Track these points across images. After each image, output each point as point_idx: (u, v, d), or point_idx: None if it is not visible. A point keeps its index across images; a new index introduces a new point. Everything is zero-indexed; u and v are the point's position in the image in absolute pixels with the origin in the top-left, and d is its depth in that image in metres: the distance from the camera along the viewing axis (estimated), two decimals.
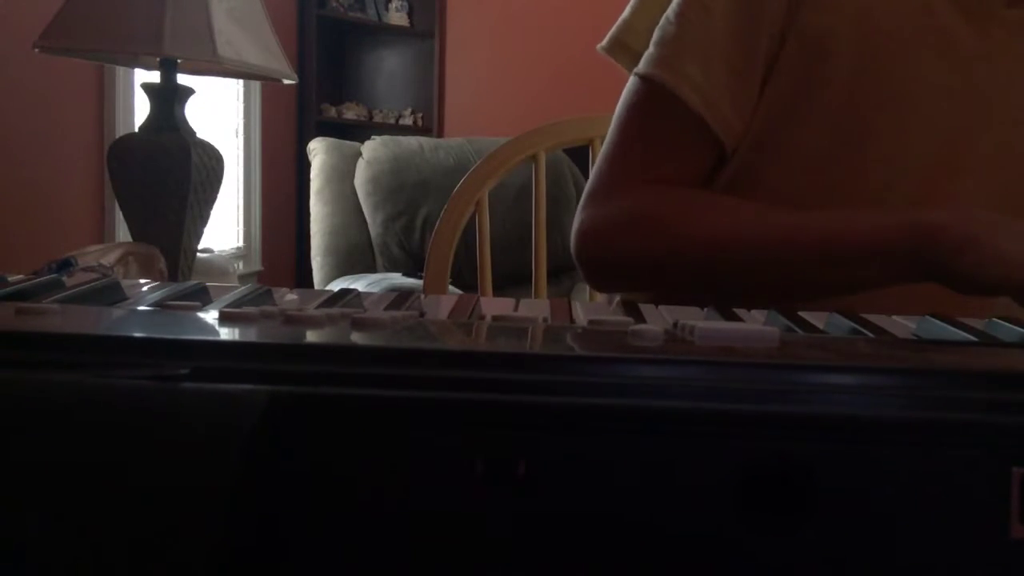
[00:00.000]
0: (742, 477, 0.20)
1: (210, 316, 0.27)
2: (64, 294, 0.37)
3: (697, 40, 0.67)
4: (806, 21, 0.67)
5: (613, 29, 0.80)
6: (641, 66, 0.69)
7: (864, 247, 0.60)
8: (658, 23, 0.71)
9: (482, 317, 0.40)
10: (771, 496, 0.20)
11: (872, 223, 0.60)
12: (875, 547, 0.20)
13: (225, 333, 0.24)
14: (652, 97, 0.69)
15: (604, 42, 0.81)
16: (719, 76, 0.67)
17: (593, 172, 0.72)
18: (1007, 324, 0.39)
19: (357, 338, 0.25)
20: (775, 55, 0.68)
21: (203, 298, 0.40)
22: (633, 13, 0.79)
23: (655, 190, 0.69)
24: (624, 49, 0.79)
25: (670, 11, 0.70)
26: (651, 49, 0.69)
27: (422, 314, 0.41)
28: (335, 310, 0.29)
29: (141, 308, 0.32)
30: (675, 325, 0.31)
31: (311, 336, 0.25)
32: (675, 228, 0.66)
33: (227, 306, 0.36)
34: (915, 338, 0.38)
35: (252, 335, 0.24)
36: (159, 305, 0.34)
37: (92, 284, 0.40)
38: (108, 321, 0.27)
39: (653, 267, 0.67)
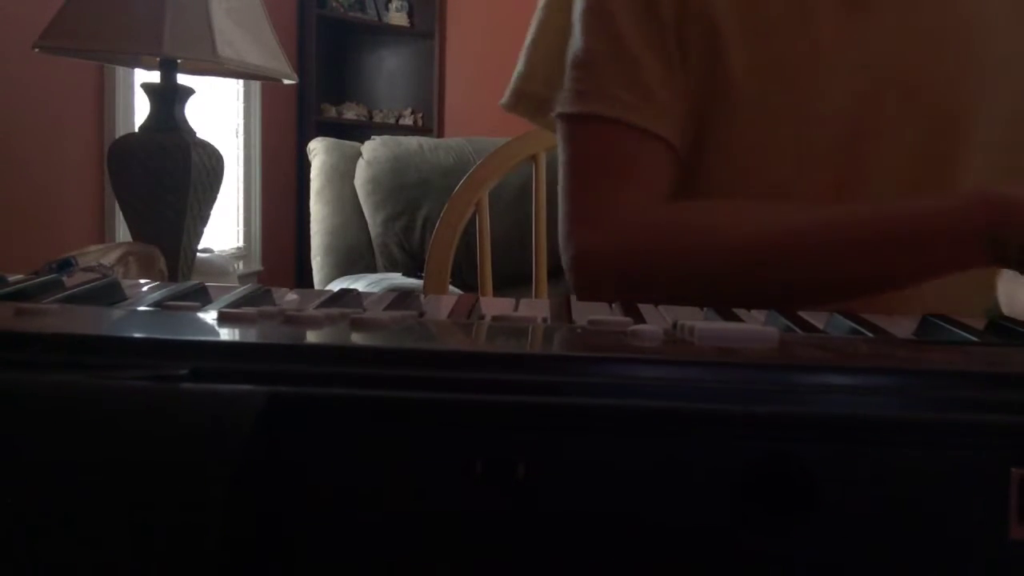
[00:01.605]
0: (741, 477, 0.20)
1: (209, 316, 0.27)
2: (64, 294, 0.37)
3: (614, 63, 0.68)
4: (692, 7, 0.68)
5: (512, 84, 0.80)
6: (572, 107, 0.69)
7: (931, 228, 0.58)
8: (555, 66, 0.72)
9: (482, 317, 0.40)
10: (770, 496, 0.20)
11: (934, 205, 0.59)
12: (874, 547, 0.20)
13: (224, 333, 0.24)
14: (596, 131, 0.69)
15: (505, 98, 0.80)
16: (648, 87, 0.68)
17: (564, 205, 0.70)
18: (1007, 324, 0.39)
19: (356, 338, 0.25)
20: (686, 44, 0.69)
21: (203, 298, 0.40)
22: (528, 63, 0.80)
23: (651, 205, 0.68)
24: (528, 98, 0.79)
25: (577, 48, 0.70)
26: (571, 87, 0.70)
27: (422, 314, 0.41)
28: (334, 310, 0.29)
29: (140, 308, 0.32)
30: (674, 325, 0.31)
31: (310, 337, 0.25)
32: (708, 237, 0.65)
33: (227, 306, 0.36)
34: (915, 338, 0.38)
35: (251, 336, 0.24)
36: (159, 305, 0.34)
37: (92, 284, 0.40)
38: (107, 321, 0.27)
39: (683, 280, 0.64)
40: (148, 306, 0.35)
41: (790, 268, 0.62)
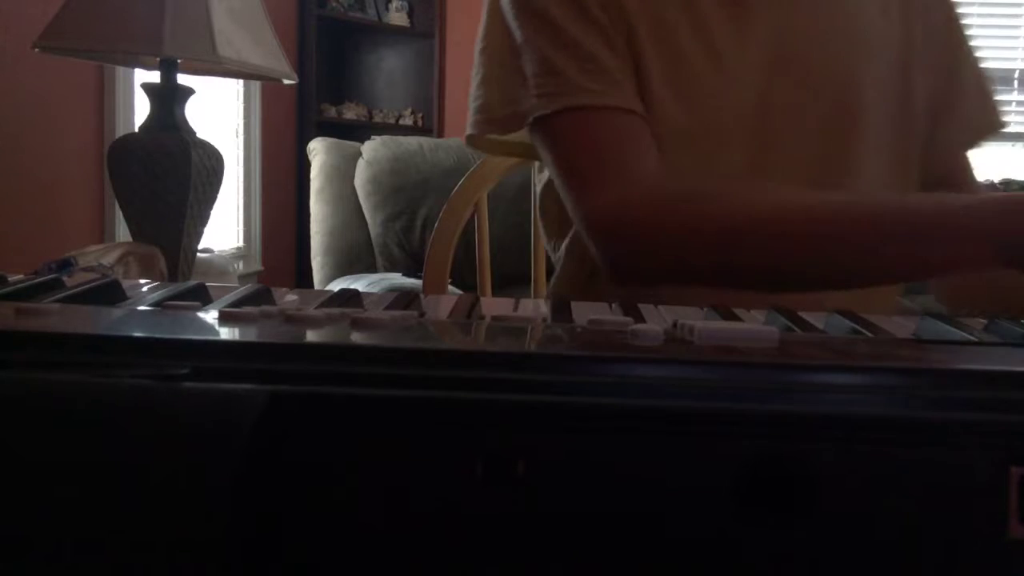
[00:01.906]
0: (741, 476, 0.20)
1: (210, 316, 0.27)
2: (64, 294, 0.37)
3: (571, 60, 0.70)
4: (612, 6, 0.72)
5: (472, 118, 0.80)
6: (546, 108, 0.71)
7: (955, 225, 0.59)
8: (508, 88, 0.74)
9: (482, 317, 0.40)
10: (769, 495, 0.20)
11: (963, 202, 0.60)
12: (874, 546, 0.20)
13: (225, 333, 0.24)
14: (576, 122, 0.70)
15: (470, 131, 0.80)
16: (607, 72, 0.71)
17: (567, 195, 0.71)
18: (1007, 324, 0.39)
19: (357, 338, 0.25)
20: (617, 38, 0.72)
21: (203, 298, 0.41)
22: (485, 95, 0.80)
23: (654, 172, 0.69)
24: (489, 123, 0.79)
25: (530, 60, 0.72)
26: (537, 93, 0.71)
27: (422, 314, 0.41)
28: (335, 310, 0.29)
29: (141, 308, 0.32)
30: (675, 325, 0.31)
31: (311, 336, 0.25)
32: (736, 203, 0.65)
33: (227, 306, 0.36)
34: (914, 338, 0.38)
35: (252, 335, 0.24)
36: (159, 305, 0.34)
37: (92, 284, 0.40)
38: (108, 321, 0.27)
39: (695, 237, 0.64)
40: (148, 306, 0.35)
41: (789, 248, 0.62)
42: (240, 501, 0.18)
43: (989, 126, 0.84)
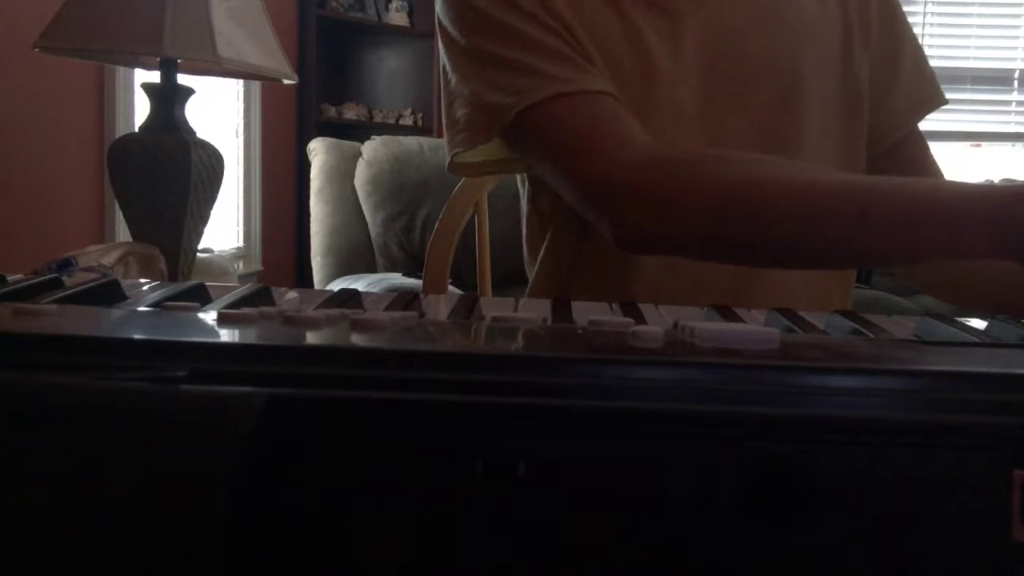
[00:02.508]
0: (742, 479, 0.20)
1: (208, 317, 0.27)
2: (63, 294, 0.37)
3: (534, 57, 0.71)
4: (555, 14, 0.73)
5: (452, 140, 0.78)
6: (527, 101, 0.70)
7: (955, 211, 0.57)
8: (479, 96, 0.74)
9: (482, 317, 0.40)
10: (771, 498, 0.20)
11: (962, 190, 0.59)
12: (876, 549, 0.20)
13: (223, 335, 0.24)
14: (560, 108, 0.70)
15: (452, 153, 0.78)
16: (569, 57, 0.71)
17: (568, 173, 0.70)
18: (1007, 324, 0.39)
19: (355, 340, 0.25)
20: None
21: (202, 298, 0.40)
22: (457, 113, 0.78)
23: (649, 138, 0.70)
24: (474, 136, 0.77)
25: (495, 68, 0.72)
26: (513, 90, 0.71)
27: (421, 314, 0.41)
28: (334, 311, 0.29)
29: (139, 309, 0.32)
30: (675, 326, 0.31)
31: (309, 338, 0.25)
32: (744, 169, 0.66)
33: (226, 306, 0.35)
34: (915, 338, 0.38)
35: (250, 337, 0.24)
36: (158, 305, 0.34)
37: (91, 284, 0.40)
38: (105, 322, 0.26)
39: (707, 205, 0.63)
40: (147, 306, 0.35)
41: (798, 221, 0.62)
42: (237, 505, 0.18)
43: (930, 100, 0.87)
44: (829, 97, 0.80)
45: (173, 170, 1.98)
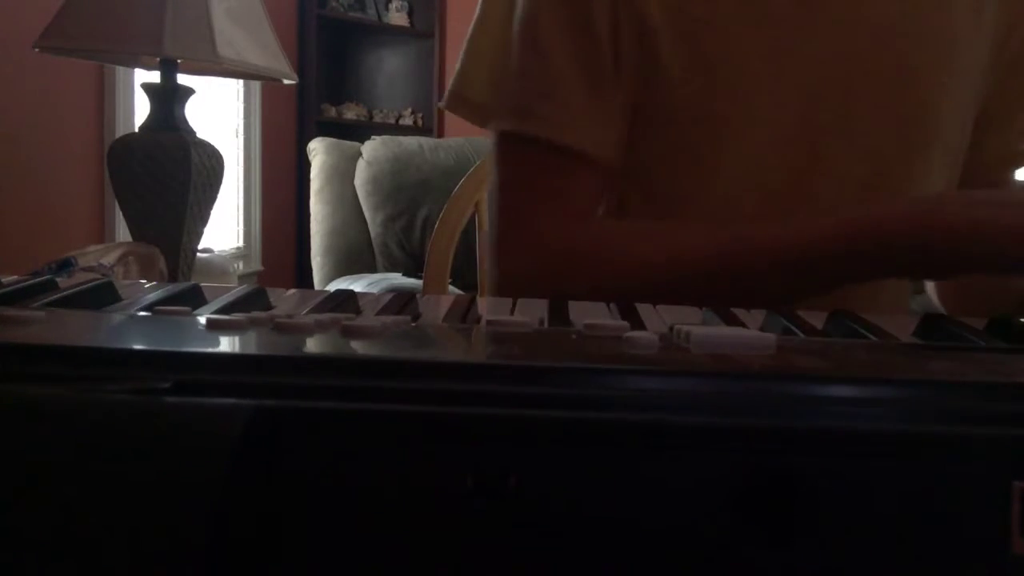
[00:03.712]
0: (736, 492, 0.20)
1: (197, 324, 0.26)
2: (55, 297, 0.36)
3: (540, 82, 0.68)
4: (626, 12, 0.67)
5: (451, 84, 0.80)
6: (501, 124, 0.70)
7: (826, 248, 0.57)
8: (491, 71, 0.73)
9: (477, 320, 0.40)
10: (766, 511, 0.20)
11: (833, 222, 0.58)
12: (874, 563, 0.20)
13: (210, 343, 0.24)
14: (522, 147, 0.69)
15: (443, 101, 0.81)
16: (575, 104, 0.67)
17: (491, 226, 0.71)
18: (1012, 322, 0.38)
19: (345, 348, 0.25)
20: (621, 55, 0.68)
21: (197, 300, 0.40)
22: (467, 65, 0.80)
23: (569, 225, 0.68)
24: (464, 102, 0.79)
25: (511, 62, 0.70)
26: (502, 102, 0.70)
27: (417, 316, 0.41)
28: (325, 316, 0.28)
29: (127, 315, 0.32)
30: (671, 329, 0.30)
31: (298, 347, 0.24)
32: (619, 258, 0.65)
33: (218, 310, 0.35)
34: (917, 341, 0.38)
35: (237, 345, 0.24)
36: (150, 309, 0.33)
37: (85, 286, 0.39)
38: (90, 331, 0.26)
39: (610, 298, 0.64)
40: (139, 310, 0.34)
41: (687, 292, 0.61)
42: (223, 521, 0.18)
43: None
44: (957, 129, 0.69)
45: (173, 170, 1.98)
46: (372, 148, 2.89)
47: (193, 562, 0.16)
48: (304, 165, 3.22)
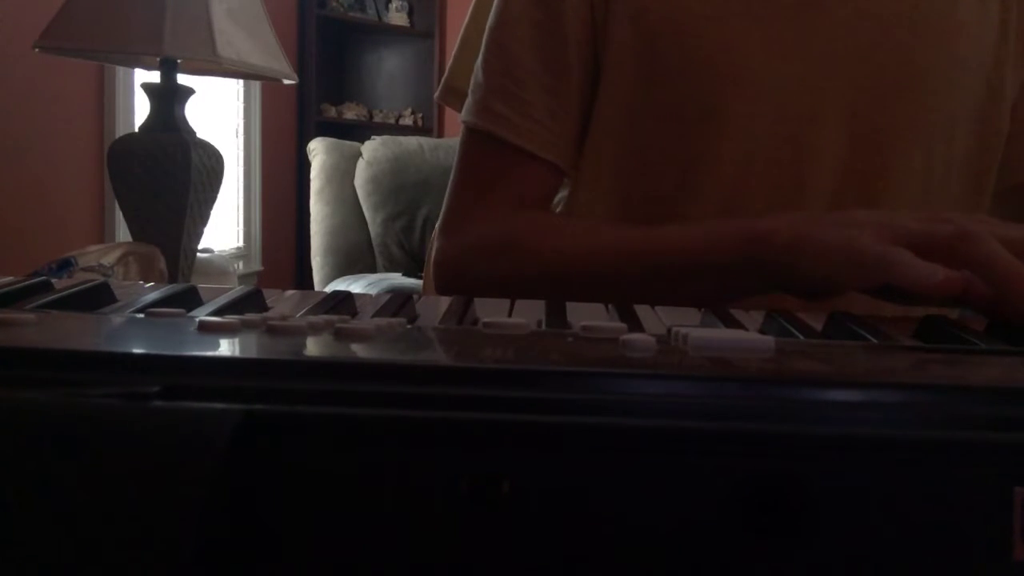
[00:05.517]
0: (735, 498, 0.19)
1: (189, 326, 0.26)
2: (50, 298, 0.36)
3: (501, 79, 0.70)
4: (618, 8, 0.68)
5: (444, 76, 0.85)
6: (463, 116, 0.73)
7: (697, 262, 0.58)
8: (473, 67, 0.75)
9: (474, 322, 0.40)
10: (765, 517, 0.19)
11: (705, 235, 0.58)
12: (873, 569, 0.20)
13: (200, 346, 0.23)
14: (477, 140, 0.72)
15: (437, 93, 0.85)
16: (534, 103, 0.69)
17: (443, 207, 0.75)
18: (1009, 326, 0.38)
19: (338, 351, 0.25)
20: (595, 56, 0.70)
21: (192, 301, 0.40)
22: (456, 60, 0.84)
23: (501, 216, 0.70)
24: (455, 94, 0.83)
25: (478, 62, 0.73)
26: (469, 96, 0.73)
27: (414, 318, 0.41)
28: (319, 319, 0.28)
29: (118, 317, 0.31)
30: (669, 331, 0.30)
31: (289, 350, 0.24)
32: (526, 249, 0.67)
33: (212, 312, 0.35)
34: (917, 343, 0.37)
35: (227, 349, 0.24)
36: (144, 311, 0.33)
37: (80, 287, 0.39)
38: (80, 334, 0.26)
39: (504, 288, 0.61)
40: (134, 311, 0.34)
41: (599, 289, 0.61)
42: (211, 526, 0.18)
43: None
44: (964, 119, 0.68)
45: (173, 170, 1.98)
46: (372, 148, 2.89)
47: (182, 569, 0.16)
48: (304, 165, 3.22)
